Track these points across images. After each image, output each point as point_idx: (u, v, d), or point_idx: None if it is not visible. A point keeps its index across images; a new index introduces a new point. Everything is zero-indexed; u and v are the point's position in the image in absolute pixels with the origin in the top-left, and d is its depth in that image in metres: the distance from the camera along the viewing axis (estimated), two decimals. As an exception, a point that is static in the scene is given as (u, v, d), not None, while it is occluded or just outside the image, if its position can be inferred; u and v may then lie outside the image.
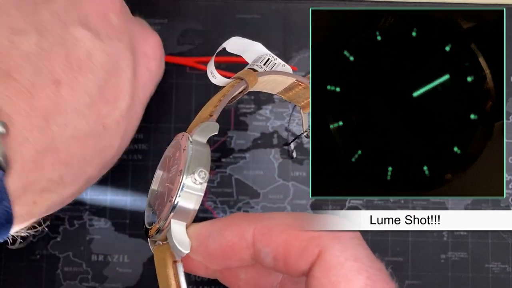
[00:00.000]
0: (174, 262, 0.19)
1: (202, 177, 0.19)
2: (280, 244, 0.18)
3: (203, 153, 0.20)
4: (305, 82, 0.28)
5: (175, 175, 0.20)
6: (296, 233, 0.18)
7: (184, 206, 0.19)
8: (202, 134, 0.21)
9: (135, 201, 0.38)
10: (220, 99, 0.23)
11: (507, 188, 0.39)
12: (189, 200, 0.19)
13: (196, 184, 0.19)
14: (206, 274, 0.22)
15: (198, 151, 0.20)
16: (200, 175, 0.19)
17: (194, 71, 0.39)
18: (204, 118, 0.22)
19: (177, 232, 0.19)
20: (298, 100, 0.30)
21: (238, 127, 0.39)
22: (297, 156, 0.38)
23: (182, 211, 0.19)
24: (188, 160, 0.19)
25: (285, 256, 0.18)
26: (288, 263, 0.18)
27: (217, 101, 0.23)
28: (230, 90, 0.24)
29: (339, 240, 0.17)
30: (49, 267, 0.37)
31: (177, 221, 0.19)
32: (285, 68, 0.29)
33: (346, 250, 0.17)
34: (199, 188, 0.19)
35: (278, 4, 0.40)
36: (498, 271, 0.38)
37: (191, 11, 0.40)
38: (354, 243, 0.18)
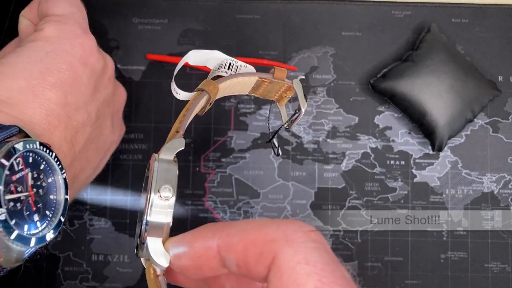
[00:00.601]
0: (156, 276, 0.20)
1: (167, 193, 0.20)
2: (239, 251, 0.18)
3: (169, 170, 0.21)
4: (268, 77, 0.29)
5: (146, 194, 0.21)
6: (254, 239, 0.18)
7: (155, 221, 0.20)
8: (168, 152, 0.21)
9: (135, 201, 0.38)
10: (184, 114, 0.24)
11: (507, 188, 0.39)
12: (159, 216, 0.20)
13: (163, 200, 0.20)
14: (194, 286, 0.23)
15: (164, 169, 0.21)
16: (165, 191, 0.20)
17: (194, 71, 0.39)
18: (172, 135, 0.23)
19: (152, 248, 0.20)
20: (270, 95, 0.31)
21: (238, 127, 0.39)
22: (282, 154, 0.38)
23: (154, 227, 0.20)
24: (154, 179, 0.20)
25: (245, 262, 0.18)
26: (248, 269, 0.18)
27: (182, 116, 0.24)
28: (192, 103, 0.25)
29: (291, 244, 0.17)
30: (50, 266, 0.37)
31: (152, 238, 0.20)
32: (247, 69, 0.29)
33: (297, 254, 0.17)
34: (167, 205, 0.20)
35: (278, 4, 0.40)
36: (498, 270, 0.38)
37: (191, 11, 0.40)
38: (307, 246, 0.17)
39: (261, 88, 0.30)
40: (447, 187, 0.39)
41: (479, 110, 0.38)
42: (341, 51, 0.40)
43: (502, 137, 0.39)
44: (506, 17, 0.40)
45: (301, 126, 0.39)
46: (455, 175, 0.39)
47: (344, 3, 0.40)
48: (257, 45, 0.40)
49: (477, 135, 0.39)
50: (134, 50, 0.39)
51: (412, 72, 0.38)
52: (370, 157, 0.39)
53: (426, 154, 0.39)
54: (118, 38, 0.40)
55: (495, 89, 0.39)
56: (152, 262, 0.20)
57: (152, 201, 0.20)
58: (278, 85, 0.29)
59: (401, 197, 0.39)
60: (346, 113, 0.39)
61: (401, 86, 0.37)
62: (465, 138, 0.39)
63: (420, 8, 0.40)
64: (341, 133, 0.39)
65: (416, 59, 0.38)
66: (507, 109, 0.40)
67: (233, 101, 0.39)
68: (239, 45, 0.40)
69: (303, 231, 0.18)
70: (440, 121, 0.37)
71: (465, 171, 0.39)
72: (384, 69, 0.39)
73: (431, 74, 0.37)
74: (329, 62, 0.40)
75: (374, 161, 0.39)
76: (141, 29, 0.40)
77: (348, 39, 0.40)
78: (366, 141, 0.39)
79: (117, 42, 0.39)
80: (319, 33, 0.40)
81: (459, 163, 0.39)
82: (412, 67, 0.38)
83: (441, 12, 0.40)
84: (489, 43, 0.40)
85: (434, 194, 0.39)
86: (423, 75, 0.37)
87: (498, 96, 0.39)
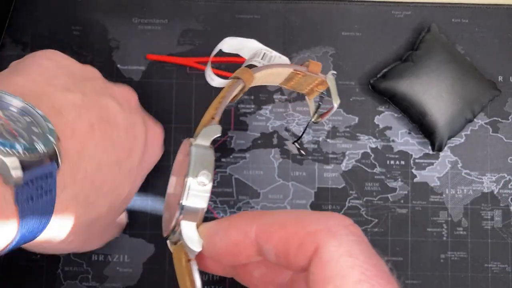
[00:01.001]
0: (188, 260, 0.20)
1: (205, 179, 0.20)
2: (279, 240, 0.18)
3: (206, 155, 0.21)
4: (303, 70, 0.28)
5: (182, 179, 0.21)
6: (295, 230, 0.18)
7: (192, 206, 0.20)
8: (205, 138, 0.22)
9: (136, 201, 0.38)
10: (220, 101, 0.23)
11: (507, 188, 0.39)
12: (196, 201, 0.20)
13: (201, 185, 0.20)
14: (222, 272, 0.23)
15: (201, 155, 0.21)
16: (203, 177, 0.20)
17: (194, 71, 0.39)
18: (207, 122, 0.23)
19: (187, 232, 0.20)
20: (301, 88, 0.31)
21: (238, 127, 0.39)
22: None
23: (190, 211, 0.20)
24: (192, 164, 0.20)
25: (284, 252, 0.18)
26: (288, 259, 0.18)
27: (217, 103, 0.24)
28: (228, 90, 0.24)
29: (334, 236, 0.18)
30: (50, 266, 0.37)
31: (187, 222, 0.20)
32: (281, 60, 0.29)
33: (341, 246, 0.17)
34: (204, 189, 0.20)
35: (278, 4, 0.40)
36: (498, 270, 0.38)
37: (191, 11, 0.40)
38: (349, 239, 0.18)
39: (294, 80, 0.30)
40: (447, 187, 0.39)
41: (479, 110, 0.38)
42: (341, 51, 0.40)
43: (502, 137, 0.39)
44: (506, 17, 0.40)
45: (301, 126, 0.39)
46: (455, 175, 0.39)
47: (344, 3, 0.40)
48: (257, 45, 0.40)
49: (477, 135, 0.39)
50: (134, 50, 0.39)
51: (412, 72, 0.38)
52: (370, 157, 0.39)
53: (426, 154, 0.39)
54: (118, 38, 0.40)
55: (495, 89, 0.39)
56: (185, 247, 0.20)
57: (190, 185, 0.20)
58: (311, 78, 0.29)
59: (401, 197, 0.39)
60: (346, 113, 0.39)
61: (401, 86, 0.37)
62: (465, 138, 0.39)
63: (420, 8, 0.40)
64: (341, 133, 0.39)
65: (416, 59, 0.38)
66: (507, 109, 0.40)
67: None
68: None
69: (344, 224, 0.18)
70: (440, 121, 0.37)
71: (465, 171, 0.39)
72: (384, 69, 0.39)
73: (431, 74, 0.37)
74: (329, 62, 0.40)
75: (374, 161, 0.39)
76: (141, 29, 0.40)
77: (348, 39, 0.40)
78: (366, 141, 0.39)
79: (117, 42, 0.39)
80: (319, 33, 0.40)
81: (459, 163, 0.39)
82: (412, 67, 0.38)
83: (441, 12, 0.40)
84: (489, 43, 0.40)
85: (434, 194, 0.39)
86: (423, 75, 0.37)
87: (498, 96, 0.39)
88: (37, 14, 0.39)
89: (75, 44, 0.39)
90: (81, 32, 0.40)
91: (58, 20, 0.39)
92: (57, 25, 0.39)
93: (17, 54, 0.39)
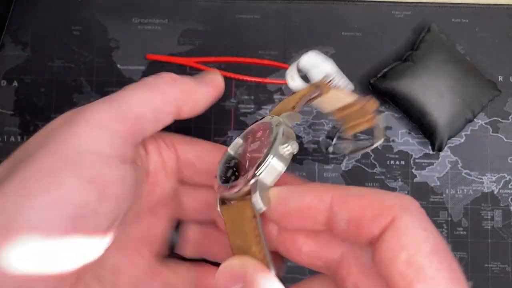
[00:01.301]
0: (253, 216, 0.20)
1: (292, 148, 0.21)
2: (355, 209, 0.19)
3: (292, 132, 0.22)
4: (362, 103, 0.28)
5: (266, 143, 0.22)
6: (371, 202, 0.19)
7: (275, 166, 0.21)
8: (289, 119, 0.23)
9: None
10: (300, 98, 0.25)
11: (507, 188, 0.39)
12: (279, 163, 0.21)
13: (288, 150, 0.21)
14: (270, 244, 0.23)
15: (289, 129, 0.22)
16: (291, 146, 0.21)
17: (194, 71, 0.39)
18: (288, 109, 0.24)
19: (262, 188, 0.21)
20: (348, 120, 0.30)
21: (238, 127, 0.39)
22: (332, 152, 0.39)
23: (271, 170, 0.21)
24: (281, 131, 0.22)
25: (359, 221, 0.19)
26: (361, 227, 0.19)
27: (298, 99, 0.25)
28: (309, 92, 0.25)
29: (411, 212, 0.19)
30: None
31: (264, 179, 0.21)
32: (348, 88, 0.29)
33: (415, 221, 0.19)
34: (287, 155, 0.21)
35: (278, 4, 0.40)
36: (498, 270, 0.38)
37: (191, 11, 0.40)
38: (422, 217, 0.19)
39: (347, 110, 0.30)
40: (447, 187, 0.39)
41: (479, 110, 0.38)
42: (341, 51, 0.40)
43: (502, 137, 0.39)
44: (506, 17, 0.40)
45: (301, 126, 0.39)
46: (455, 175, 0.39)
47: (344, 3, 0.40)
48: (257, 45, 0.40)
49: (477, 135, 0.39)
50: (134, 50, 0.39)
51: (412, 72, 0.38)
52: (370, 157, 0.39)
53: (426, 154, 0.39)
54: (118, 38, 0.40)
55: (495, 89, 0.39)
56: (254, 202, 0.20)
57: (277, 147, 0.21)
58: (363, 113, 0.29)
59: (401, 197, 0.39)
60: (346, 113, 0.39)
61: (401, 86, 0.37)
62: (465, 138, 0.39)
63: (420, 8, 0.40)
64: (341, 133, 0.39)
65: (416, 59, 0.38)
66: (507, 109, 0.40)
67: (233, 101, 0.39)
68: (239, 45, 0.40)
69: (417, 205, 0.19)
70: (440, 121, 0.37)
71: (465, 171, 0.39)
72: (384, 69, 0.39)
73: (431, 74, 0.37)
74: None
75: (374, 161, 0.39)
76: (141, 29, 0.40)
77: (348, 39, 0.40)
78: (366, 141, 0.39)
79: (117, 42, 0.39)
80: (319, 33, 0.40)
81: (459, 163, 0.39)
82: (412, 67, 0.38)
83: (441, 12, 0.40)
84: (489, 43, 0.40)
85: (434, 194, 0.39)
86: (423, 75, 0.37)
87: (498, 96, 0.39)
88: (37, 14, 0.39)
89: (75, 44, 0.39)
90: (81, 32, 0.40)
91: (58, 20, 0.39)
92: (57, 25, 0.39)
93: (17, 54, 0.39)
